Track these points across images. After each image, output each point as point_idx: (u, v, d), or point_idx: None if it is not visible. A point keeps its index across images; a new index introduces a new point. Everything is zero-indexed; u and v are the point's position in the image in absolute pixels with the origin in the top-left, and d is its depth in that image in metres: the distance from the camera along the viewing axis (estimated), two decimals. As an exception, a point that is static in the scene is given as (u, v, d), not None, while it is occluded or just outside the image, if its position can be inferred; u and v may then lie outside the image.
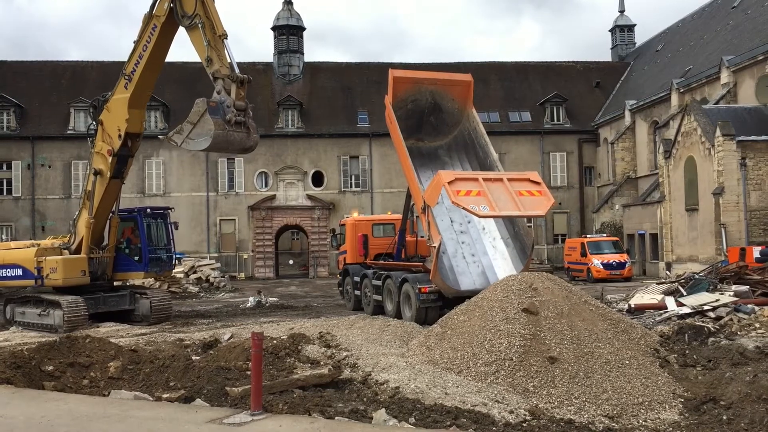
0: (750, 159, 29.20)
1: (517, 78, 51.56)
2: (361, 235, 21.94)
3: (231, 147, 17.28)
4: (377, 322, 16.94)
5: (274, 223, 47.09)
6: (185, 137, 16.43)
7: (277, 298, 28.12)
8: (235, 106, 16.35)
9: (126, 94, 18.84)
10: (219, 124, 16.02)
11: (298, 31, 50.93)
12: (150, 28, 18.23)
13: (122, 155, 19.49)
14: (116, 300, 20.83)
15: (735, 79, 33.36)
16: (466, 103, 20.16)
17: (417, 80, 20.21)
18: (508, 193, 15.44)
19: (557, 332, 10.99)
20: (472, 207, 14.97)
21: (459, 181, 15.57)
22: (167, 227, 21.79)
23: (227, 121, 16.15)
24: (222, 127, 16.08)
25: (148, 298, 20.86)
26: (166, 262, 21.93)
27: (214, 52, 16.72)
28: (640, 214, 38.85)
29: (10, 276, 20.70)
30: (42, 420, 7.33)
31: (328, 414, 8.02)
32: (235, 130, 16.37)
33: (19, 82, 47.25)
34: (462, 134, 20.05)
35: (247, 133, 16.77)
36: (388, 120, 19.34)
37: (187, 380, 10.02)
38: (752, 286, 18.08)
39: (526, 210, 15.30)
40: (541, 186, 16.06)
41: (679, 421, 9.34)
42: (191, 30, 17.27)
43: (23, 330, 19.35)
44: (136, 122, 19.23)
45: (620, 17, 56.58)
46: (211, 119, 15.96)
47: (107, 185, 19.64)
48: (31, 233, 44.78)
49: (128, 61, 18.85)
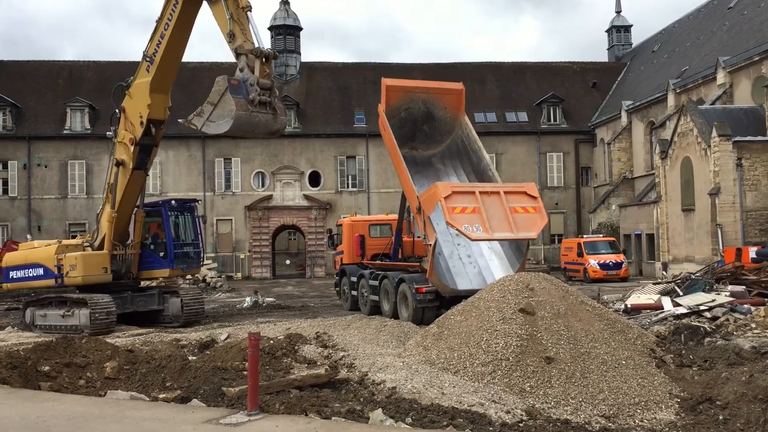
0: (746, 159, 29.26)
1: (514, 78, 51.60)
2: (358, 235, 21.94)
3: (256, 129, 15.64)
4: (374, 323, 16.94)
5: (271, 223, 47.06)
6: (206, 119, 15.12)
7: (274, 299, 28.10)
8: (260, 84, 15.00)
9: (148, 78, 17.64)
10: (241, 104, 14.72)
11: (295, 31, 50.94)
12: (171, 3, 16.93)
13: (145, 144, 18.36)
14: (144, 300, 19.74)
15: (731, 79, 33.43)
16: (458, 110, 20.29)
17: (409, 89, 20.34)
18: (503, 210, 15.63)
19: (554, 332, 11.00)
20: (465, 228, 15.22)
21: (456, 194, 15.67)
22: (194, 221, 20.52)
23: (250, 101, 14.83)
24: (245, 108, 14.77)
25: (179, 297, 19.72)
26: (193, 259, 20.53)
27: (237, 25, 15.31)
28: (637, 214, 38.90)
29: (32, 276, 19.78)
30: (38, 420, 7.31)
31: (324, 414, 8.01)
32: (260, 111, 15.07)
33: (15, 81, 47.15)
34: (455, 142, 20.17)
35: (273, 114, 15.44)
36: (381, 128, 19.45)
37: (184, 380, 10.00)
38: (748, 286, 18.11)
39: (519, 231, 15.39)
40: (537, 201, 16.19)
41: (676, 421, 9.35)
42: (213, 3, 15.89)
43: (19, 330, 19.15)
44: (159, 108, 18.03)
45: (617, 18, 56.69)
46: (233, 99, 14.63)
47: (130, 177, 18.48)
48: (27, 233, 44.69)
49: (150, 42, 17.61)
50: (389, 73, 51.26)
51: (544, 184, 48.35)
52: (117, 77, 45.47)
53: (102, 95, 46.45)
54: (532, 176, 48.27)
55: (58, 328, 18.39)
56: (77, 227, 44.16)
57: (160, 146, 45.48)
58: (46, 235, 45.06)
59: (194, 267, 21.19)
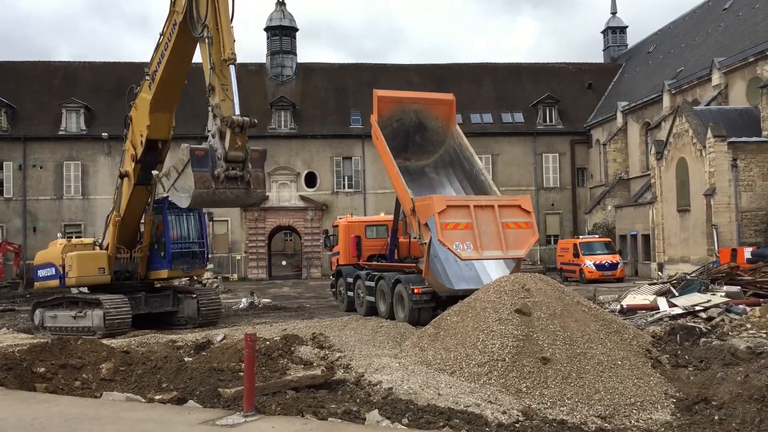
0: (741, 160, 29.33)
1: (510, 79, 51.67)
2: (354, 236, 21.97)
3: (223, 205, 14.31)
4: (370, 323, 16.95)
5: (267, 224, 47.02)
6: (171, 185, 13.84)
7: (270, 299, 28.08)
8: (229, 158, 13.02)
9: (149, 96, 16.46)
10: (203, 180, 12.95)
11: (291, 31, 50.91)
12: (171, 23, 15.44)
13: (148, 161, 17.30)
14: (158, 301, 19.18)
15: (726, 80, 33.51)
16: (449, 121, 20.53)
17: (400, 100, 20.62)
18: (495, 226, 16.10)
19: (550, 333, 11.02)
20: (456, 246, 15.72)
21: (450, 209, 16.02)
22: (201, 219, 19.53)
23: (215, 177, 13.02)
24: (207, 185, 12.99)
25: (194, 298, 19.21)
26: (197, 259, 19.48)
27: (218, 80, 13.32)
28: (632, 215, 38.98)
29: (47, 276, 19.51)
30: (33, 422, 7.29)
31: (321, 415, 8.01)
32: (227, 187, 13.20)
33: (10, 82, 47.00)
34: (447, 152, 20.42)
35: (246, 189, 13.51)
36: (374, 137, 19.75)
37: (180, 381, 9.98)
38: (743, 286, 18.17)
39: (509, 250, 15.73)
40: (530, 216, 16.68)
41: (671, 421, 9.37)
42: (200, 43, 14.00)
43: (14, 331, 19.07)
44: (160, 128, 16.84)
45: (612, 19, 56.83)
46: (193, 174, 12.91)
47: (132, 191, 17.81)
48: (22, 234, 44.60)
49: (152, 59, 16.44)
50: (385, 73, 51.57)
51: (539, 184, 48.45)
52: (113, 78, 45.77)
53: (97, 96, 46.45)
54: (528, 177, 48.40)
55: (69, 329, 17.97)
56: (73, 228, 44.02)
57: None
58: (42, 236, 45.04)
59: (197, 268, 20.03)
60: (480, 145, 48.14)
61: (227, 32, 13.45)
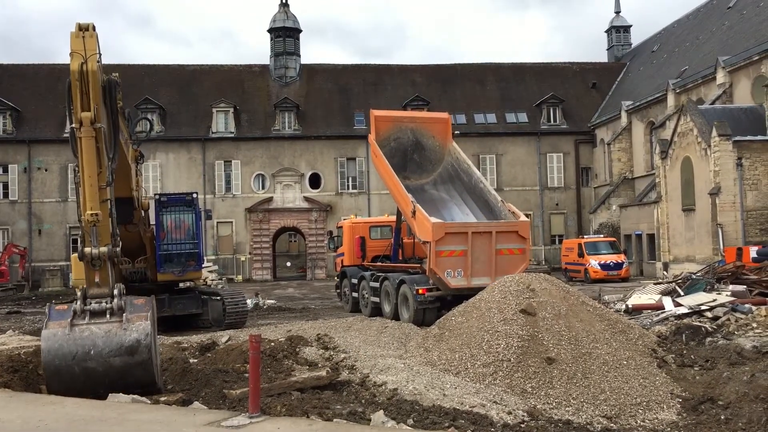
0: (746, 159, 29.25)
1: (514, 79, 51.60)
2: (359, 237, 21.98)
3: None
4: (375, 324, 16.95)
5: (272, 225, 47.06)
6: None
7: (275, 300, 28.10)
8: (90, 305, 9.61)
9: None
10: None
11: (295, 33, 50.94)
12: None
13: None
14: (183, 303, 18.60)
15: (731, 79, 33.42)
16: (446, 139, 20.84)
17: (397, 119, 21.22)
18: (489, 252, 16.63)
19: (555, 333, 11.00)
20: (447, 273, 16.37)
21: (448, 235, 16.42)
22: (196, 217, 18.29)
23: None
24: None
25: (220, 300, 18.78)
26: (191, 261, 18.20)
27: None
28: (637, 214, 38.89)
29: None
30: (39, 424, 7.30)
31: (326, 416, 8.01)
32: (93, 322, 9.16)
33: (15, 84, 47.18)
34: (446, 168, 20.66)
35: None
36: (373, 155, 20.23)
37: (185, 383, 10.00)
38: (749, 285, 18.10)
39: (497, 276, 15.54)
40: (525, 243, 17.17)
41: (677, 421, 9.35)
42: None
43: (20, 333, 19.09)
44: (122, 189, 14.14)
45: (616, 18, 56.71)
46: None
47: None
48: (27, 237, 44.73)
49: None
50: (389, 74, 51.60)
51: (544, 184, 48.37)
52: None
53: (102, 98, 46.48)
54: (533, 177, 48.32)
55: None
56: (78, 231, 43.96)
57: (161, 148, 44.63)
58: (47, 238, 45.16)
59: (190, 271, 18.45)
60: (484, 145, 48.23)
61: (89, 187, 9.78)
